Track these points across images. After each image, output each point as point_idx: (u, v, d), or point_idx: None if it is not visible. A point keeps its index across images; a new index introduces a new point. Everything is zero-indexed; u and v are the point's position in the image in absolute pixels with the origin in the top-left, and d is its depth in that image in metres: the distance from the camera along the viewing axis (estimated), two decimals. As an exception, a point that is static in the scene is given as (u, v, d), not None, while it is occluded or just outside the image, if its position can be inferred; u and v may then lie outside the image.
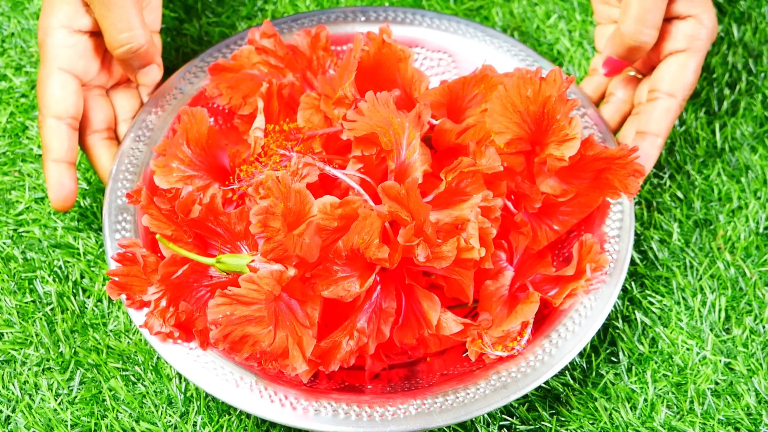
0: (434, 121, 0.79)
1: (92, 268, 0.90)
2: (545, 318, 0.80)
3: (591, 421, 0.82)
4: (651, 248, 0.91)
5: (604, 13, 0.95)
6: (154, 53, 0.89)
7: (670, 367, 0.85)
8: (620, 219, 0.83)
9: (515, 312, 0.77)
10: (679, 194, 0.95)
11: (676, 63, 0.89)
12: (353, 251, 0.71)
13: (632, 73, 0.94)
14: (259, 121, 0.81)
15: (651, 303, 0.88)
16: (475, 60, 0.94)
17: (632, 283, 0.89)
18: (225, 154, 0.84)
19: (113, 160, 0.87)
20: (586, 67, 1.02)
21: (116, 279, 0.75)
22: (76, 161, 0.86)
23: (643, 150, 0.88)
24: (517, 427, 0.81)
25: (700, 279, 0.90)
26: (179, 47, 1.04)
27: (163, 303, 0.74)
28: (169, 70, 0.96)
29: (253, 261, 0.70)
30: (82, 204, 0.94)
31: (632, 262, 0.90)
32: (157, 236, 0.74)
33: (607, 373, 0.84)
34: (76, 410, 0.82)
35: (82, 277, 0.89)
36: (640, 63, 0.93)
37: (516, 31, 1.05)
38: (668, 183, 0.96)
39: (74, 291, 0.88)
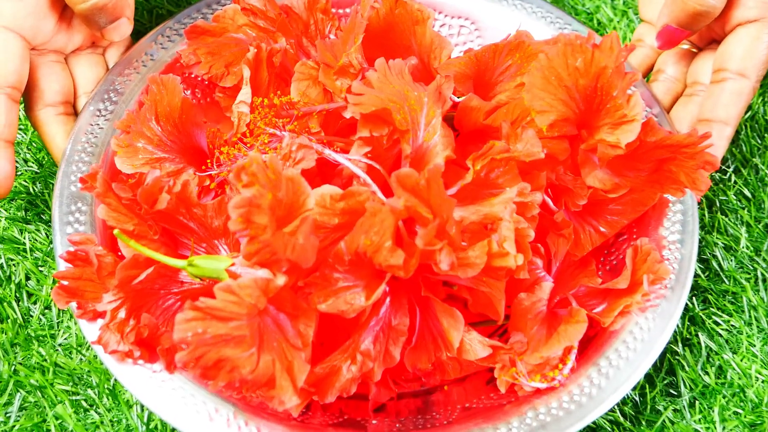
0: (457, 98, 0.76)
1: (41, 268, 0.87)
2: (591, 341, 0.76)
3: (645, 469, 0.80)
4: (714, 256, 0.88)
5: None
6: (123, 5, 0.85)
7: (742, 403, 0.81)
8: (681, 220, 0.80)
9: (557, 334, 0.73)
10: (747, 192, 0.93)
11: (747, 36, 0.84)
12: (358, 255, 0.66)
13: (686, 47, 0.91)
14: (245, 93, 0.77)
15: (716, 323, 0.85)
16: (502, 28, 0.92)
17: (693, 299, 0.86)
18: (202, 133, 0.80)
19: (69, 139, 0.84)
20: (630, 40, 1.00)
21: (65, 283, 0.72)
22: (14, 139, 0.81)
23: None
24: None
25: None
26: (153, 8, 1.02)
27: (122, 314, 0.71)
28: (140, 35, 0.94)
29: (233, 265, 0.67)
30: (31, 190, 0.91)
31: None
32: (116, 231, 0.70)
33: (665, 409, 0.81)
34: (14, 443, 0.79)
35: (27, 278, 0.86)
36: (696, 35, 0.90)
37: None
38: (733, 178, 0.94)
39: (17, 295, 0.85)
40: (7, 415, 0.79)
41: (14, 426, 0.78)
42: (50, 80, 0.85)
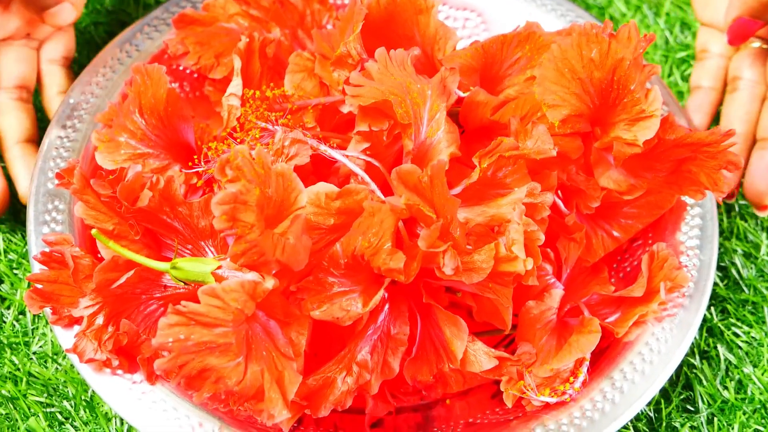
0: (461, 93, 0.75)
1: (15, 271, 0.85)
2: (604, 353, 0.75)
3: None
4: (734, 264, 0.87)
5: None
6: None
7: (764, 420, 0.80)
8: (700, 225, 0.79)
9: (567, 344, 0.72)
10: None
11: None
12: (355, 258, 0.66)
13: (756, 44, 0.87)
14: (235, 85, 0.76)
15: (736, 335, 0.84)
16: (510, 21, 0.90)
17: (711, 308, 0.85)
18: (190, 128, 0.79)
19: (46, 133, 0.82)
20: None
21: (39, 286, 0.71)
22: None
23: None
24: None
25: None
26: None
27: (100, 320, 0.69)
28: (126, 25, 0.97)
29: (219, 268, 0.65)
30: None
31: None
32: (94, 231, 0.69)
33: (683, 426, 0.79)
34: (-17, 458, 0.77)
35: (0, 281, 0.85)
36: (765, 28, 0.86)
37: None
38: (753, 181, 0.91)
39: None
40: None
41: None
42: None
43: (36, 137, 0.83)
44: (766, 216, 0.87)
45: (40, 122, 0.88)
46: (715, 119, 0.89)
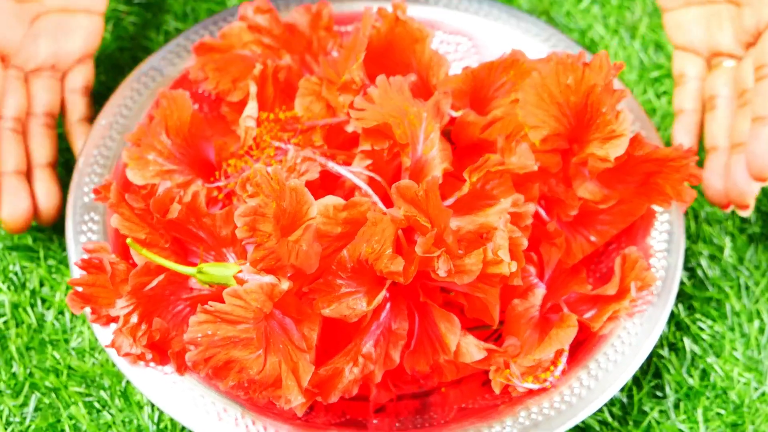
0: (454, 113, 0.77)
1: (53, 275, 0.86)
2: (581, 345, 0.76)
3: (631, 467, 0.79)
4: (700, 265, 0.88)
5: None
6: None
7: (725, 404, 0.81)
8: (668, 230, 0.80)
9: (549, 337, 0.73)
10: None
11: None
12: (360, 263, 0.67)
13: (730, 64, 0.85)
14: (251, 108, 0.77)
15: (701, 329, 0.85)
16: (498, 46, 0.91)
17: (679, 305, 0.86)
18: (210, 146, 0.80)
19: (15, 155, 0.82)
20: (622, 57, 0.99)
21: (79, 289, 0.71)
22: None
23: (765, 138, 0.77)
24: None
25: (757, 302, 0.86)
26: (160, 24, 1.01)
27: (134, 319, 0.70)
28: (148, 51, 0.96)
29: (240, 271, 0.66)
30: (44, 201, 0.90)
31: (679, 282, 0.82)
32: (128, 240, 0.70)
33: (652, 409, 0.81)
34: (30, 442, 0.79)
35: (41, 285, 0.86)
36: (733, 41, 0.84)
37: (543, 15, 1.02)
38: (718, 189, 0.93)
39: (32, 301, 0.85)
40: (24, 415, 0.79)
41: (30, 426, 0.78)
42: (11, 95, 0.83)
43: (56, 161, 0.84)
44: (748, 214, 0.85)
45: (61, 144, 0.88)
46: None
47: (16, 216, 0.80)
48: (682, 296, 0.86)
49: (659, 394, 0.82)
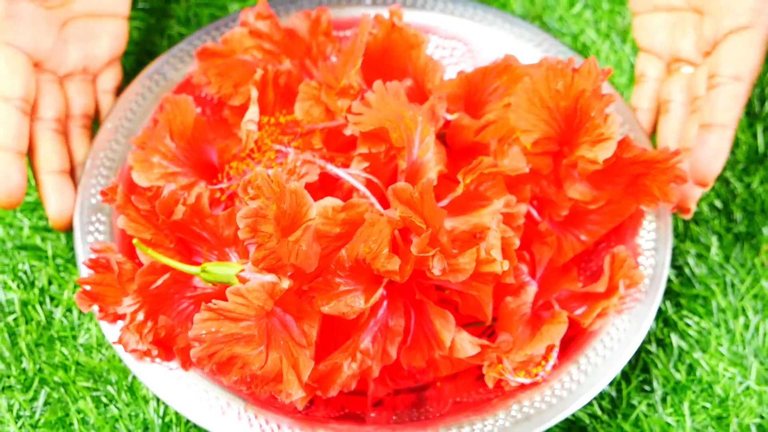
0: (449, 116, 0.77)
1: (61, 274, 0.86)
2: (572, 341, 0.77)
3: (620, 458, 0.79)
4: (687, 263, 0.88)
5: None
6: None
7: (710, 398, 0.82)
8: (656, 229, 0.80)
9: (540, 333, 0.74)
10: (718, 204, 0.92)
11: (739, 41, 0.80)
12: (358, 262, 0.67)
13: (688, 70, 0.86)
14: (252, 112, 0.77)
15: (688, 325, 0.85)
16: (492, 50, 0.91)
17: (667, 302, 0.86)
18: (213, 149, 0.81)
19: (60, 155, 0.83)
20: (613, 61, 0.99)
21: (87, 288, 0.72)
22: (25, 150, 0.80)
23: (710, 145, 0.79)
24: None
25: (742, 299, 0.86)
26: (164, 29, 1.01)
27: (140, 316, 0.71)
28: (152, 55, 0.95)
29: (242, 270, 0.66)
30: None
31: (666, 280, 0.83)
32: (135, 240, 0.71)
33: (640, 403, 0.81)
34: (40, 435, 0.79)
35: (49, 283, 0.86)
36: (693, 49, 0.85)
37: (536, 19, 1.02)
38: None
39: (40, 299, 0.85)
40: (33, 409, 0.79)
41: (39, 420, 0.78)
42: (48, 98, 0.83)
43: None
44: (689, 218, 0.85)
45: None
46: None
47: (63, 214, 0.80)
48: (669, 293, 0.87)
49: (647, 388, 0.82)
